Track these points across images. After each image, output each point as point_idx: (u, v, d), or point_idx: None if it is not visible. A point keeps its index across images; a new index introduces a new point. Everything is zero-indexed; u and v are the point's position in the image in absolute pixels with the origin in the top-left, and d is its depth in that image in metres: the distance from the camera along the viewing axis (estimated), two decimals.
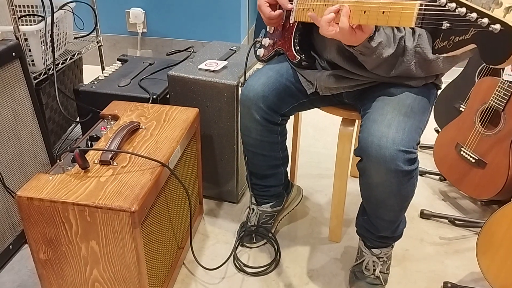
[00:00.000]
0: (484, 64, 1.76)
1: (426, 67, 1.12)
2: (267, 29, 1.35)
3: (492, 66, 1.08)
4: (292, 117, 1.45)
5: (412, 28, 1.09)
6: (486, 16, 0.77)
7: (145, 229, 1.07)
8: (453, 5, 0.81)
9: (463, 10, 0.79)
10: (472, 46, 0.80)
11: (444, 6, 0.82)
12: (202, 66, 1.54)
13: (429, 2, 0.85)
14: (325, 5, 1.09)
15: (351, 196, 1.75)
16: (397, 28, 1.08)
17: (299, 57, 1.25)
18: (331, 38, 1.04)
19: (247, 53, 1.39)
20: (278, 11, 1.25)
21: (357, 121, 1.38)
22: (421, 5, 0.86)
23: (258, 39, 1.39)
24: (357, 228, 1.35)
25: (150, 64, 1.84)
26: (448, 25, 0.82)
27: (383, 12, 0.94)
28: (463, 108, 1.83)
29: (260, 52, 1.39)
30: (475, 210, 1.70)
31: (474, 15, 0.78)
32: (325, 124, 2.29)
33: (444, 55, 0.85)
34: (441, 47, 0.84)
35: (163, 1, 2.64)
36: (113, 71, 1.79)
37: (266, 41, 1.36)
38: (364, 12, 0.97)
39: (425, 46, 1.08)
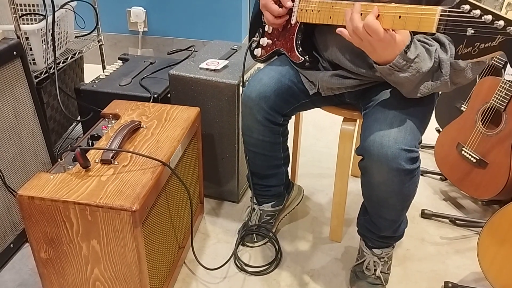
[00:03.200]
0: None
1: (455, 78, 1.04)
2: (266, 29, 1.35)
3: None
4: (293, 117, 1.45)
5: (437, 40, 1.04)
6: None
7: (146, 228, 1.07)
8: (478, 12, 0.79)
9: (489, 17, 0.78)
10: (499, 53, 0.79)
11: (468, 13, 0.80)
12: (203, 65, 1.54)
13: (451, 8, 0.83)
14: (332, 6, 1.08)
15: (352, 196, 1.75)
16: (426, 42, 1.02)
17: (302, 58, 1.24)
18: (362, 47, 0.97)
19: (245, 54, 1.39)
20: (284, 8, 1.22)
21: (358, 120, 1.38)
22: (443, 11, 0.85)
23: (254, 39, 1.38)
24: (358, 227, 1.35)
25: (151, 63, 1.84)
26: (473, 31, 0.81)
27: (400, 16, 0.92)
28: (464, 107, 1.83)
29: (258, 52, 1.38)
30: (476, 210, 1.70)
31: (501, 22, 0.77)
32: (326, 123, 2.29)
33: (468, 61, 0.84)
34: (465, 53, 0.83)
35: (164, 0, 2.64)
36: (114, 70, 1.79)
37: (264, 41, 1.35)
38: (378, 16, 0.95)
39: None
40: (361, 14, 0.97)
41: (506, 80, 1.49)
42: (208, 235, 1.56)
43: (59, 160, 1.12)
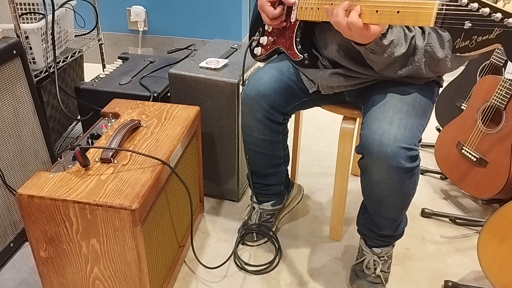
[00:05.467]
0: (485, 62, 1.76)
1: (434, 66, 1.10)
2: (265, 28, 1.35)
3: None
4: (293, 116, 1.45)
5: (421, 27, 1.07)
6: None
7: (145, 227, 1.07)
8: (475, 5, 0.79)
9: (487, 10, 0.78)
10: (496, 45, 0.79)
11: (466, 6, 0.81)
12: (203, 64, 1.54)
13: (449, 1, 0.83)
14: (331, 4, 1.08)
15: (352, 195, 1.75)
16: (407, 27, 1.06)
17: (301, 56, 1.24)
18: (342, 32, 1.01)
19: (245, 53, 1.38)
20: (279, 8, 1.23)
21: (358, 119, 1.38)
22: (441, 4, 0.85)
23: (254, 38, 1.38)
24: (358, 226, 1.35)
25: (151, 62, 1.84)
26: (470, 24, 0.81)
27: (398, 11, 0.92)
28: (464, 106, 1.83)
29: (258, 50, 1.38)
30: (476, 209, 1.70)
31: (499, 15, 0.77)
32: (326, 122, 2.29)
33: (466, 54, 0.84)
34: (462, 46, 0.83)
35: None
36: (114, 69, 1.79)
37: (264, 40, 1.34)
38: (376, 11, 0.95)
39: (435, 45, 1.06)
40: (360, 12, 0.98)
41: (506, 79, 1.49)
42: (208, 234, 1.56)
43: (59, 159, 1.12)
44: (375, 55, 1.06)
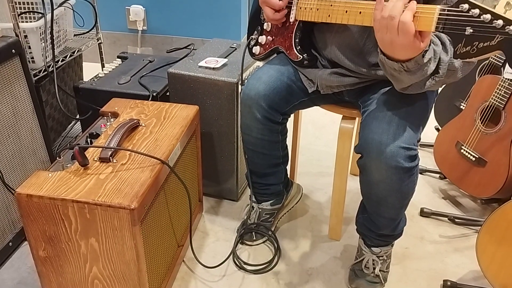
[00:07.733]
0: (484, 62, 1.76)
1: (447, 78, 1.02)
2: (264, 27, 1.34)
3: None
4: (292, 115, 1.45)
5: (439, 37, 1.00)
6: None
7: (144, 226, 1.07)
8: (477, 11, 0.79)
9: (488, 16, 0.78)
10: (497, 52, 0.79)
11: (467, 12, 0.80)
12: (202, 63, 1.54)
13: (450, 7, 0.83)
14: (331, 5, 1.08)
15: (351, 194, 1.75)
16: (432, 40, 0.97)
17: (301, 57, 1.24)
18: (385, 33, 0.90)
19: (243, 52, 1.38)
20: (283, 2, 1.21)
21: (357, 118, 1.38)
22: (442, 10, 0.84)
23: (253, 37, 1.38)
24: (357, 226, 1.35)
25: (150, 62, 1.84)
26: (472, 30, 0.81)
27: None
28: (463, 106, 1.83)
29: (256, 49, 1.37)
30: (475, 209, 1.70)
31: (500, 22, 0.77)
32: (326, 122, 2.29)
33: (467, 60, 0.84)
34: (464, 52, 0.83)
35: None
36: (113, 69, 1.79)
37: (263, 39, 1.34)
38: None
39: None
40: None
41: (505, 79, 1.49)
42: (207, 233, 1.56)
43: (57, 158, 1.11)
44: (408, 74, 0.97)
